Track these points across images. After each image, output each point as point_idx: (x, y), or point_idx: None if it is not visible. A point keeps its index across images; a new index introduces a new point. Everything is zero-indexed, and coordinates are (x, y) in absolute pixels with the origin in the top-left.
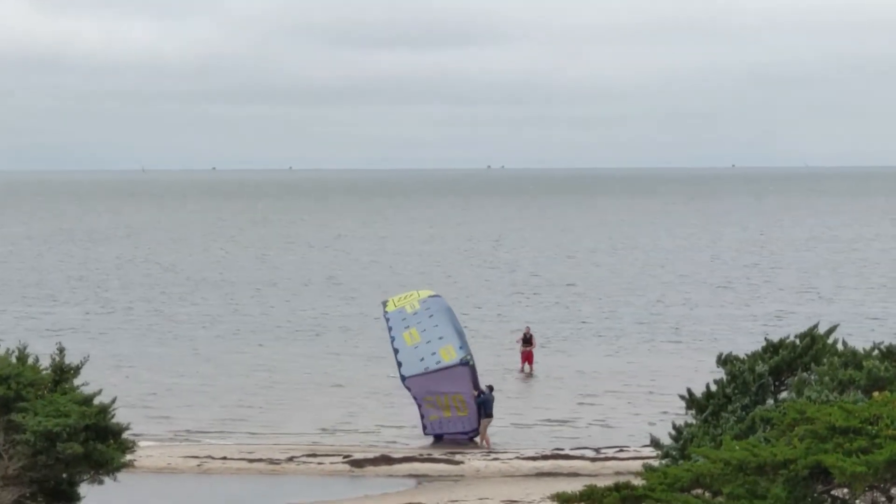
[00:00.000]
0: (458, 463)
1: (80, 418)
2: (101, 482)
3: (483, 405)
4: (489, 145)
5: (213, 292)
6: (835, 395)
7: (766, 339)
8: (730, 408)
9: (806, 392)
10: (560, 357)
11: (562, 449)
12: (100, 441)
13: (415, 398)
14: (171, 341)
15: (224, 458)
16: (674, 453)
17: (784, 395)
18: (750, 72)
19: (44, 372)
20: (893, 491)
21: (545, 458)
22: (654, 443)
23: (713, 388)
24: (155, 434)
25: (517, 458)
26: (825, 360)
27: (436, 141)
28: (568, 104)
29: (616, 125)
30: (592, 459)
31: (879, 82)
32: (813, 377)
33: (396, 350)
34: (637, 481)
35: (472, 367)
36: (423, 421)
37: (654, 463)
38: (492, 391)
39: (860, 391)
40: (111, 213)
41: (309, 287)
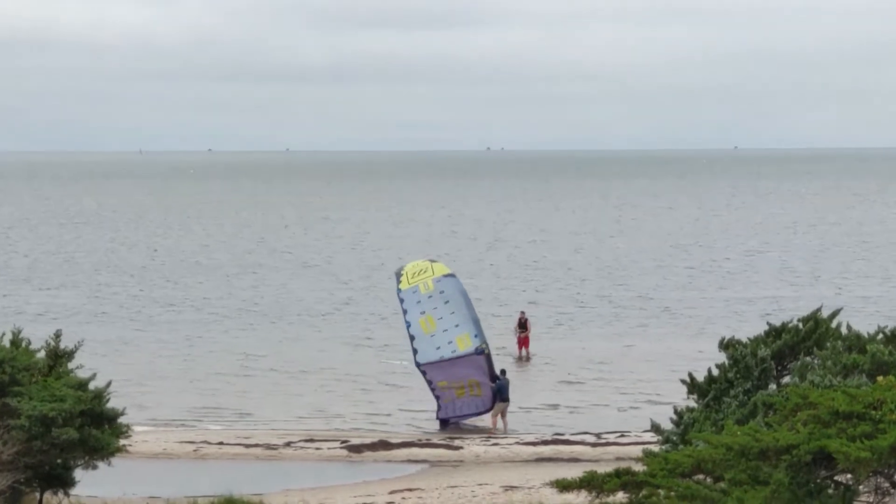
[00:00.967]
0: (457, 448)
1: (76, 403)
2: (94, 467)
3: (499, 391)
4: (488, 126)
5: (204, 275)
6: (838, 379)
7: (768, 323)
8: (732, 392)
9: (809, 376)
10: (557, 342)
11: (562, 434)
12: (95, 426)
13: (429, 382)
14: (153, 325)
15: (220, 444)
16: (675, 438)
17: (787, 379)
18: (751, 53)
19: (37, 356)
20: None
21: (545, 443)
22: (655, 428)
23: (715, 372)
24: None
25: (517, 443)
26: (828, 344)
27: (435, 122)
28: (565, 84)
29: (616, 106)
30: (593, 445)
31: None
32: (816, 361)
33: (413, 336)
34: (638, 467)
35: (487, 356)
36: (438, 402)
37: (655, 448)
38: (504, 374)
39: (864, 375)
40: (114, 195)
41: (301, 270)
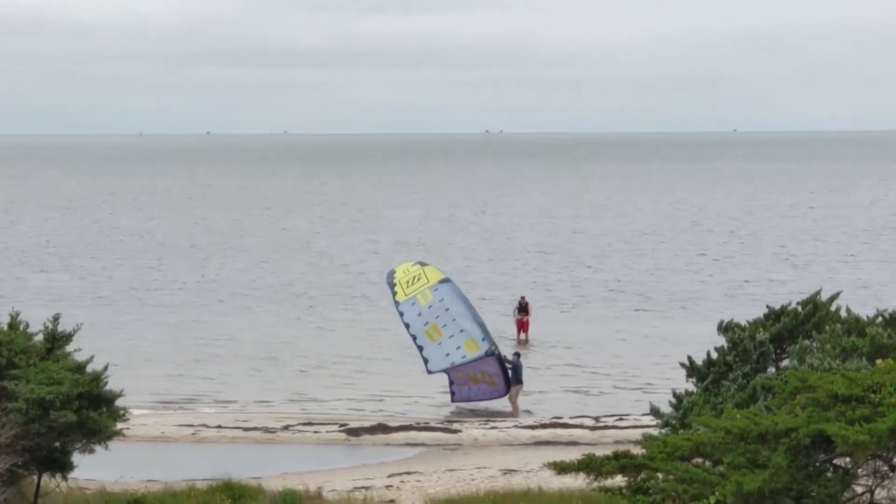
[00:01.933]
0: (455, 432)
1: (73, 386)
2: (92, 451)
3: (514, 371)
4: (487, 110)
5: (194, 257)
6: (837, 362)
7: (767, 306)
8: (731, 376)
9: (808, 360)
10: (556, 325)
11: (560, 417)
12: (93, 409)
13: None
14: (141, 308)
15: (219, 427)
16: (674, 422)
17: (786, 362)
18: (749, 36)
19: (34, 339)
20: None
21: (544, 426)
22: (654, 411)
23: (714, 355)
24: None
25: (515, 426)
26: (827, 327)
27: (434, 105)
28: (564, 68)
29: (616, 89)
30: (591, 428)
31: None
32: (815, 345)
33: (421, 347)
34: (637, 450)
35: (497, 356)
36: (452, 387)
37: (654, 432)
38: (518, 357)
39: (863, 359)
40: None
41: (294, 253)
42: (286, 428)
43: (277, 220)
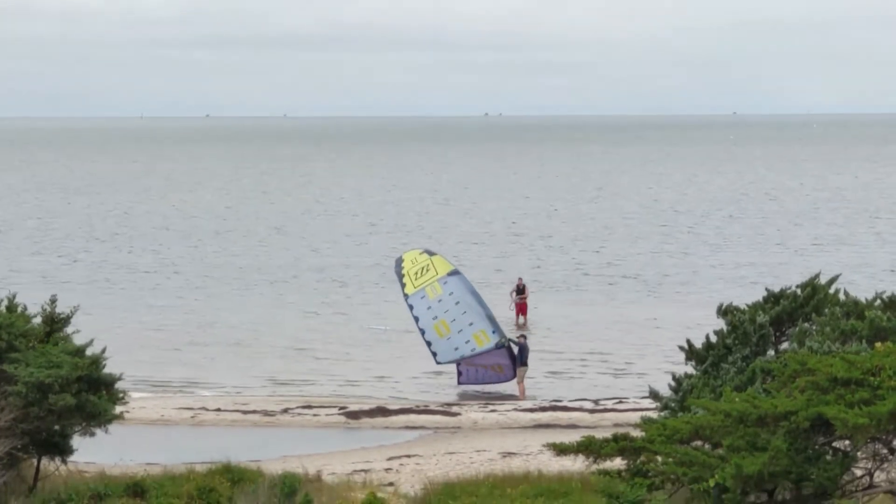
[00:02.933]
0: (454, 415)
1: (73, 369)
2: (92, 434)
3: (519, 353)
4: (487, 92)
5: (189, 240)
6: (836, 345)
7: (766, 289)
8: (730, 359)
9: (807, 343)
10: (554, 308)
11: (560, 400)
12: (92, 392)
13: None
14: (126, 292)
15: (218, 410)
16: (673, 405)
17: (785, 345)
18: (750, 18)
19: (33, 322)
20: (895, 443)
21: (543, 409)
22: (653, 394)
23: (713, 338)
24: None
25: (515, 409)
26: (827, 310)
27: (434, 87)
28: (563, 50)
29: (617, 72)
30: (591, 411)
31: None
32: (814, 328)
33: (429, 342)
34: (636, 433)
35: (508, 348)
36: (459, 368)
37: (653, 415)
38: (525, 339)
39: (862, 341)
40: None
41: (286, 237)
42: (285, 411)
43: (270, 202)
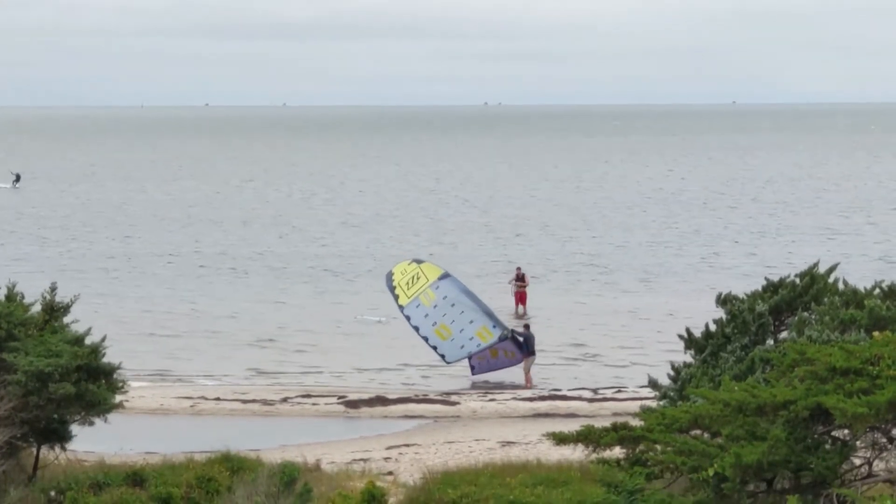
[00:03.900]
0: (454, 404)
1: (72, 358)
2: (91, 423)
3: (525, 343)
4: (487, 82)
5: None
6: (836, 334)
7: (766, 278)
8: (729, 348)
9: (806, 332)
10: (553, 297)
11: (559, 390)
12: (91, 381)
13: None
14: (115, 282)
15: (217, 399)
16: (672, 394)
17: (784, 334)
18: (750, 5)
19: (32, 310)
20: (894, 432)
21: (542, 398)
22: (653, 383)
23: (712, 327)
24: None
25: (514, 398)
26: (826, 299)
27: (433, 77)
28: (563, 40)
29: (618, 61)
30: (590, 400)
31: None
32: (813, 317)
33: (434, 347)
34: (635, 422)
35: (513, 339)
36: (471, 361)
37: (652, 404)
38: (529, 329)
39: (861, 331)
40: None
41: (279, 227)
42: (284, 400)
43: (264, 191)
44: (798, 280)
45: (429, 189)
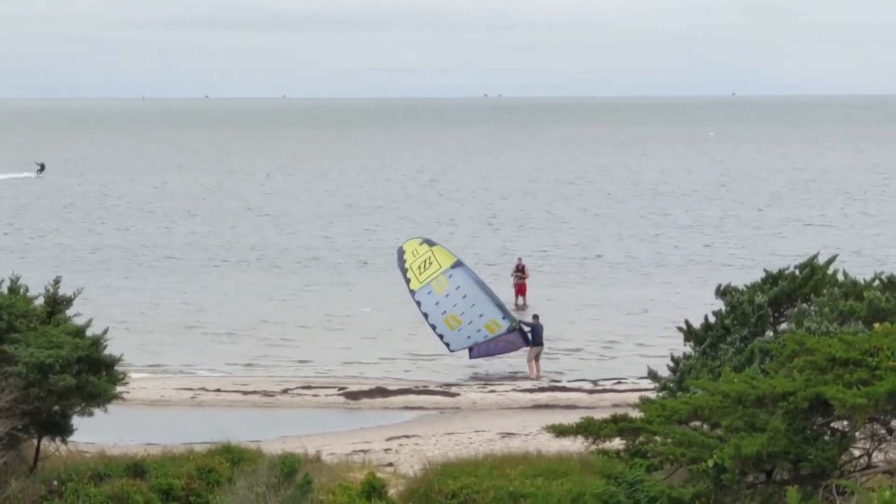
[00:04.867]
0: (454, 395)
1: (73, 350)
2: (91, 414)
3: (533, 333)
4: (486, 73)
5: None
6: (835, 326)
7: (765, 269)
8: (728, 339)
9: (806, 323)
10: (552, 289)
11: (559, 381)
12: (92, 373)
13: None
14: (110, 274)
15: (218, 391)
16: (671, 385)
17: (783, 326)
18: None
19: (34, 303)
20: (894, 423)
21: (542, 390)
22: (652, 375)
23: (711, 319)
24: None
25: (514, 390)
26: (825, 290)
27: (433, 69)
28: (563, 31)
29: (617, 52)
30: (589, 392)
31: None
32: (813, 308)
33: (441, 335)
34: (634, 413)
35: (520, 331)
36: (471, 345)
37: (652, 395)
38: (537, 319)
39: (861, 322)
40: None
41: (274, 219)
42: (285, 391)
43: (265, 183)
44: (798, 271)
45: (428, 180)
